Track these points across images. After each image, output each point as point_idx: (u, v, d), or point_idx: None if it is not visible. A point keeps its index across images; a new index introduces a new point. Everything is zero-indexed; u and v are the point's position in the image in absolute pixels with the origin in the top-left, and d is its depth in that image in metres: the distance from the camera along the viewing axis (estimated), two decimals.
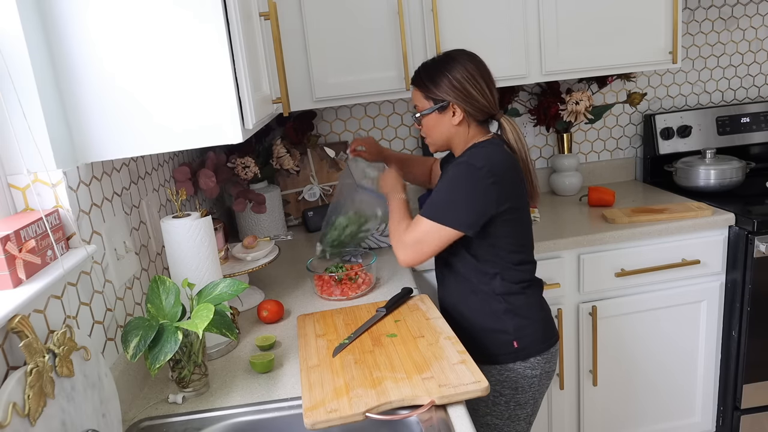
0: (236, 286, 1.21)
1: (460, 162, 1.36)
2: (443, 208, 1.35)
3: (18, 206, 1.05)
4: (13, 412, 0.79)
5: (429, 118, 1.43)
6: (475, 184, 1.33)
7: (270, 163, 2.17)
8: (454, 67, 1.38)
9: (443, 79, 1.38)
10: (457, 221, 1.34)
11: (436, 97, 1.40)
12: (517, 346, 1.42)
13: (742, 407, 2.14)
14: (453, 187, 1.35)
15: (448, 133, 1.44)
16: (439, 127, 1.43)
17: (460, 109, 1.39)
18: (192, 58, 1.06)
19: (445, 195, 1.36)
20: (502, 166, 1.36)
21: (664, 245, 1.99)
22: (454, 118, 1.40)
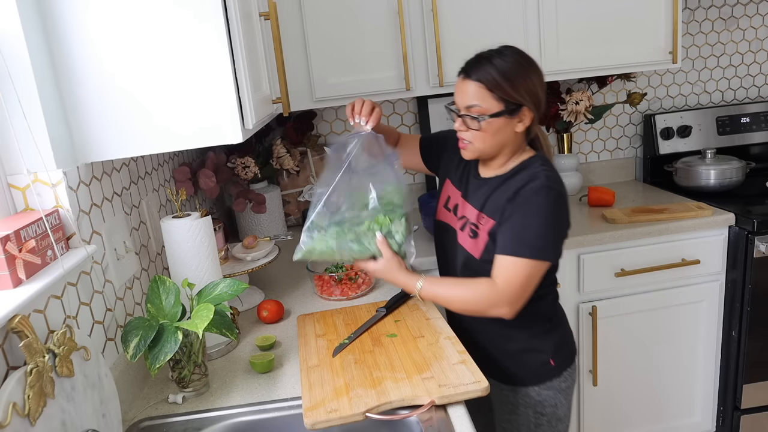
0: (236, 286, 1.21)
1: (540, 188, 1.22)
2: (542, 243, 1.22)
3: (18, 206, 1.05)
4: (13, 412, 0.79)
5: (495, 121, 1.24)
6: (563, 208, 1.24)
7: (270, 163, 2.17)
8: (532, 67, 1.26)
9: (522, 80, 1.23)
10: (555, 254, 1.25)
11: (510, 98, 1.23)
12: (553, 364, 1.36)
13: (742, 407, 2.14)
14: (547, 218, 1.21)
15: (506, 141, 1.28)
16: (500, 133, 1.26)
17: (530, 116, 1.26)
18: (192, 58, 1.06)
19: (541, 229, 1.21)
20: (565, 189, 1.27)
21: (664, 245, 1.99)
22: (519, 125, 1.26)
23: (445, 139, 1.50)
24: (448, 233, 1.42)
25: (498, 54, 1.25)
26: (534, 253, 1.21)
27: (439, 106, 2.36)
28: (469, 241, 1.32)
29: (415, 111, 2.42)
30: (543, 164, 1.28)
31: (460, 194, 1.39)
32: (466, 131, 1.28)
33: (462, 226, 1.35)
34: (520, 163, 1.30)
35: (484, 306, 1.25)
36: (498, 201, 1.27)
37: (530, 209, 1.22)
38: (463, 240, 1.35)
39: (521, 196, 1.23)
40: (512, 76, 1.23)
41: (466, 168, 1.41)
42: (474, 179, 1.37)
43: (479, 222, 1.31)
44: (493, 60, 1.24)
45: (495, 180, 1.31)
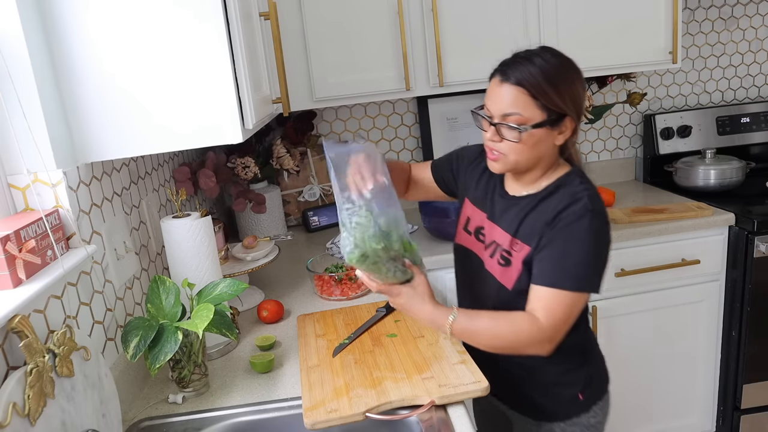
0: (236, 286, 1.21)
1: (584, 213, 1.09)
2: (584, 272, 1.09)
3: (18, 206, 1.05)
4: (13, 412, 0.79)
5: (536, 132, 1.10)
6: (607, 234, 1.12)
7: (270, 163, 2.17)
8: (576, 73, 1.12)
9: (567, 86, 1.10)
10: (598, 283, 1.12)
11: (555, 106, 1.09)
12: (582, 398, 1.24)
13: (742, 407, 2.14)
14: (590, 245, 1.09)
15: (544, 154, 1.14)
16: (540, 146, 1.12)
17: (572, 126, 1.13)
18: (192, 58, 1.06)
19: (584, 257, 1.09)
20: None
21: (664, 245, 1.99)
22: (560, 137, 1.13)
23: (458, 158, 1.38)
24: (471, 260, 1.28)
25: (538, 54, 1.11)
26: (576, 285, 1.09)
27: (439, 106, 2.36)
28: (500, 270, 1.19)
29: (415, 111, 2.42)
30: (582, 182, 1.15)
31: (486, 216, 1.25)
32: (500, 142, 1.13)
33: (492, 252, 1.21)
34: (555, 180, 1.17)
35: (523, 344, 1.11)
36: (535, 225, 1.14)
37: (573, 235, 1.09)
38: (492, 267, 1.21)
39: (562, 220, 1.10)
40: (557, 81, 1.08)
41: (489, 185, 1.27)
42: (501, 198, 1.23)
43: (512, 248, 1.17)
44: (535, 60, 1.09)
45: (528, 199, 1.17)
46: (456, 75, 1.99)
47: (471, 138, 2.38)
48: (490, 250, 1.22)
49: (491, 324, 1.13)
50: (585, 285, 1.10)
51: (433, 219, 1.99)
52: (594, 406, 1.26)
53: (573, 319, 1.12)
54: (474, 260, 1.27)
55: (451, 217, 1.94)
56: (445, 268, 1.88)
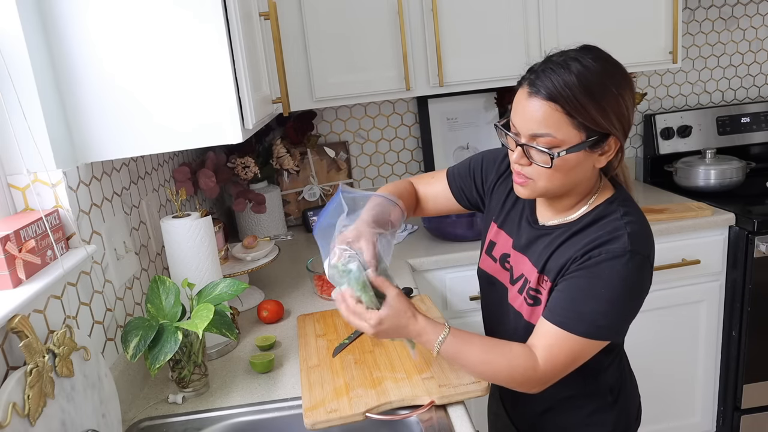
0: (236, 286, 1.21)
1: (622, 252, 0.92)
2: (602, 319, 0.94)
3: (18, 206, 1.05)
4: (13, 412, 0.79)
5: (574, 157, 0.92)
6: (643, 279, 0.95)
7: (270, 163, 2.17)
8: (625, 83, 0.92)
9: (614, 101, 0.90)
10: (616, 332, 0.99)
11: (595, 126, 0.90)
12: None
13: (742, 407, 2.14)
14: (621, 293, 0.93)
15: (581, 179, 0.97)
16: (576, 170, 0.94)
17: (617, 147, 0.95)
18: (192, 58, 1.06)
19: (608, 306, 0.93)
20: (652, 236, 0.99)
21: (664, 245, 1.99)
22: (601, 159, 0.94)
23: (483, 168, 1.19)
24: (495, 288, 1.15)
25: (576, 58, 0.90)
26: (591, 332, 0.94)
27: (439, 106, 2.36)
28: (528, 309, 1.04)
29: (415, 111, 2.42)
30: (626, 213, 0.97)
31: (511, 243, 1.10)
32: (528, 166, 0.95)
33: (520, 288, 1.07)
34: (594, 208, 0.99)
35: (515, 382, 0.99)
36: (560, 259, 0.98)
37: (600, 277, 0.93)
38: (518, 303, 1.08)
39: (593, 257, 0.94)
40: (600, 94, 0.89)
41: (517, 207, 1.11)
42: (529, 226, 1.07)
43: (540, 285, 1.02)
44: (572, 67, 0.89)
45: (560, 230, 1.01)
46: (456, 75, 1.99)
47: (471, 138, 2.39)
48: (519, 285, 1.08)
49: (484, 353, 0.99)
50: (601, 334, 0.95)
51: (433, 219, 1.99)
52: None
53: (577, 365, 0.98)
54: (498, 289, 1.14)
55: (452, 217, 1.94)
56: (445, 268, 1.88)
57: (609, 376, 1.10)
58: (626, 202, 1.00)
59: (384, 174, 2.48)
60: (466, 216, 1.92)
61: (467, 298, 1.90)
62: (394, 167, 2.48)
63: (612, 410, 1.12)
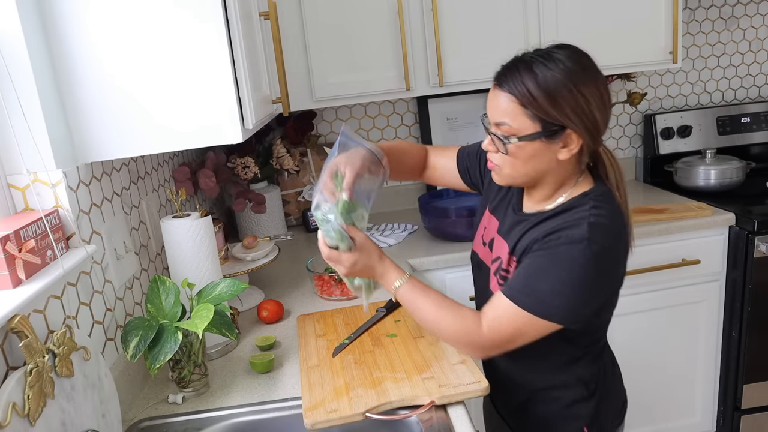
0: (236, 286, 1.21)
1: (579, 239, 0.96)
2: (553, 299, 0.98)
3: (18, 206, 1.05)
4: (13, 412, 0.79)
5: (528, 145, 0.99)
6: (600, 270, 0.98)
7: (270, 163, 2.17)
8: (582, 78, 0.98)
9: (569, 95, 0.96)
10: (569, 317, 0.99)
11: (548, 118, 0.97)
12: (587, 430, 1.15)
13: (742, 407, 2.14)
14: (569, 273, 0.97)
15: (545, 170, 1.02)
16: (536, 160, 1.01)
17: (578, 141, 0.99)
18: (192, 58, 1.06)
19: (560, 286, 0.97)
20: (624, 234, 1.03)
21: (664, 245, 1.99)
22: (563, 151, 1.00)
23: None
24: (482, 271, 1.20)
25: (543, 57, 0.98)
26: (537, 310, 0.98)
27: (439, 106, 2.36)
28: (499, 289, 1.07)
29: (415, 111, 2.42)
30: (596, 206, 1.00)
31: (497, 227, 1.16)
32: (495, 152, 1.04)
33: (496, 269, 1.13)
34: (569, 200, 1.04)
35: (459, 342, 1.06)
36: (526, 241, 1.04)
37: (556, 258, 0.98)
38: (493, 284, 1.13)
39: (552, 240, 0.99)
40: (555, 90, 0.95)
41: (507, 196, 1.18)
42: (513, 212, 1.14)
43: (510, 266, 1.08)
44: (535, 65, 0.97)
45: (534, 217, 1.06)
46: (456, 75, 1.99)
47: (471, 138, 2.38)
48: (495, 266, 1.13)
49: (436, 307, 1.06)
50: (548, 314, 0.98)
51: (433, 219, 1.99)
52: None
53: (523, 342, 1.02)
54: (483, 272, 1.19)
55: (452, 217, 1.94)
56: (445, 268, 1.88)
57: (582, 369, 1.13)
58: (601, 197, 1.03)
59: None
60: (466, 216, 1.92)
61: (467, 298, 1.89)
62: None
63: (589, 402, 1.14)
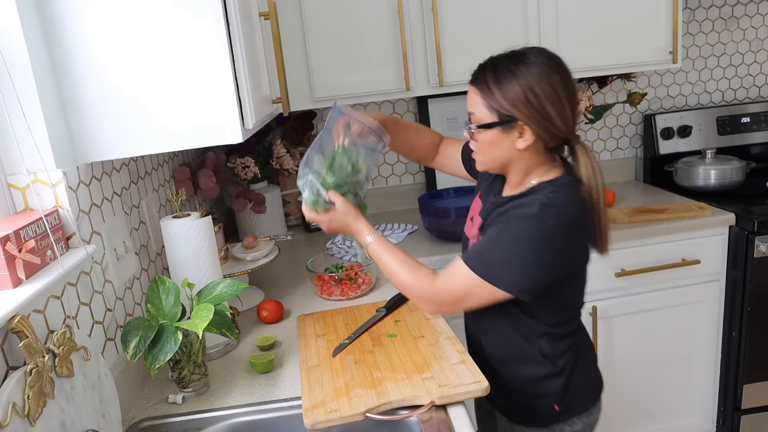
0: (236, 286, 1.21)
1: (530, 215, 1.06)
2: (499, 266, 1.07)
3: (18, 206, 1.05)
4: (13, 412, 0.79)
5: (487, 134, 1.11)
6: (546, 246, 1.06)
7: (270, 163, 2.17)
8: (535, 77, 1.07)
9: (517, 90, 1.06)
10: (513, 285, 1.08)
11: (502, 110, 1.08)
12: (558, 409, 1.22)
13: (742, 407, 2.14)
14: (517, 245, 1.06)
15: (508, 158, 1.14)
16: (497, 148, 1.12)
17: (532, 133, 1.09)
18: (192, 58, 1.06)
19: (504, 254, 1.07)
20: (579, 221, 1.11)
21: (664, 245, 1.99)
22: (519, 141, 1.10)
23: None
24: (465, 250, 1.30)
25: (509, 56, 1.11)
26: (485, 274, 1.08)
27: (439, 106, 2.36)
28: None
29: (415, 111, 2.42)
30: (554, 191, 1.10)
31: (479, 209, 1.27)
32: (470, 140, 1.18)
33: (471, 245, 1.24)
34: (537, 185, 1.14)
35: (413, 293, 1.18)
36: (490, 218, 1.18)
37: (507, 229, 1.08)
38: None
39: (509, 214, 1.10)
40: (505, 82, 1.07)
41: (493, 183, 1.27)
42: (493, 197, 1.24)
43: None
44: (499, 63, 1.10)
45: (506, 200, 1.17)
46: (456, 75, 1.99)
47: None
48: (471, 243, 1.26)
49: (398, 262, 1.19)
50: (495, 280, 1.08)
51: (433, 219, 1.99)
52: (576, 418, 1.23)
53: (470, 303, 1.14)
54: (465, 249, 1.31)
55: (451, 217, 1.94)
56: None
57: (555, 346, 1.19)
58: (563, 186, 1.12)
59: (384, 174, 2.48)
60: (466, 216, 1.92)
61: None
62: (394, 167, 2.48)
63: (557, 380, 1.20)
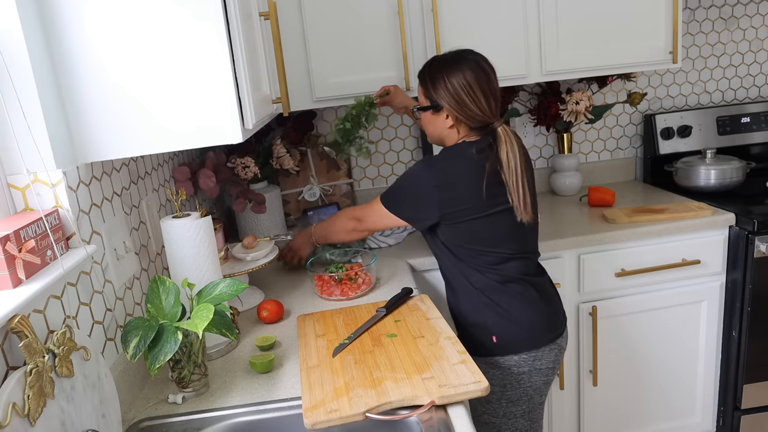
0: (236, 286, 1.20)
1: (423, 160, 1.50)
2: (388, 193, 1.54)
3: (18, 206, 1.05)
4: (13, 412, 0.79)
5: (425, 115, 1.51)
6: (420, 183, 1.44)
7: (270, 163, 2.17)
8: (454, 72, 1.41)
9: (440, 82, 1.42)
10: (403, 213, 1.51)
11: (431, 97, 1.45)
12: (495, 341, 1.46)
13: (742, 407, 2.14)
14: (408, 180, 1.48)
15: (441, 133, 1.50)
16: (432, 125, 1.51)
17: (451, 116, 1.44)
18: (192, 58, 1.06)
19: (399, 185, 1.51)
20: (454, 171, 1.42)
21: (664, 245, 1.99)
22: (447, 121, 1.46)
23: None
24: None
25: (444, 54, 1.46)
26: (384, 199, 1.55)
27: None
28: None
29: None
30: (450, 149, 1.47)
31: None
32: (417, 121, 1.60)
33: None
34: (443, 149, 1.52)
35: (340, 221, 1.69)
36: None
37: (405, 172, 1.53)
38: None
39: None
40: (433, 76, 1.43)
41: None
42: None
43: None
44: (433, 62, 1.47)
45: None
46: None
47: None
48: None
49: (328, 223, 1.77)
50: (384, 199, 1.55)
51: None
52: (515, 355, 1.46)
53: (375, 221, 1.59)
54: None
55: None
56: None
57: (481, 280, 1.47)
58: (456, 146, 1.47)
59: (384, 174, 2.48)
60: None
61: None
62: (394, 167, 2.48)
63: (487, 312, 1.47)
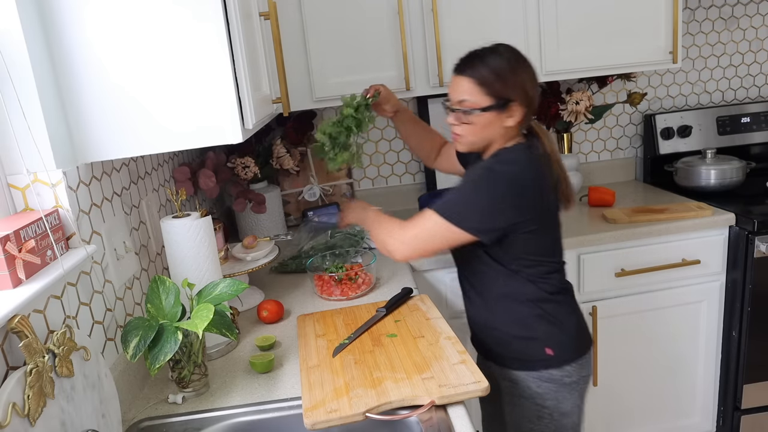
0: (236, 286, 1.20)
1: (486, 166, 1.31)
2: (459, 208, 1.29)
3: (18, 206, 1.05)
4: (13, 412, 0.79)
5: (484, 116, 1.30)
6: (498, 191, 1.27)
7: (270, 163, 2.17)
8: (523, 66, 1.31)
9: (512, 77, 1.29)
10: (472, 225, 1.28)
11: (500, 94, 1.29)
12: (552, 353, 1.36)
13: (742, 407, 2.14)
14: (474, 190, 1.29)
15: (495, 135, 1.34)
16: (490, 128, 1.32)
17: (521, 112, 1.31)
18: (192, 58, 1.06)
19: (462, 196, 1.30)
20: (530, 174, 1.30)
21: (664, 245, 1.99)
22: (509, 120, 1.31)
23: None
24: None
25: (491, 51, 1.32)
26: (443, 212, 1.29)
27: (439, 106, 2.35)
28: None
29: (415, 111, 2.42)
30: (512, 151, 1.33)
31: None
32: (458, 125, 1.34)
33: None
34: (497, 151, 1.36)
35: (384, 234, 1.38)
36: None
37: (464, 181, 1.33)
38: None
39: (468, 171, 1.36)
40: (502, 73, 1.29)
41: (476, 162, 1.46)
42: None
43: None
44: (486, 57, 1.31)
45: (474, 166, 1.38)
46: None
47: None
48: None
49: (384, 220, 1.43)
50: (450, 217, 1.28)
51: None
52: (567, 366, 1.37)
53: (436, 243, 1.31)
54: None
55: None
56: (445, 268, 1.88)
57: (528, 288, 1.35)
58: (516, 149, 1.34)
59: (384, 174, 2.48)
60: None
61: None
62: (394, 167, 2.48)
63: (539, 323, 1.36)
